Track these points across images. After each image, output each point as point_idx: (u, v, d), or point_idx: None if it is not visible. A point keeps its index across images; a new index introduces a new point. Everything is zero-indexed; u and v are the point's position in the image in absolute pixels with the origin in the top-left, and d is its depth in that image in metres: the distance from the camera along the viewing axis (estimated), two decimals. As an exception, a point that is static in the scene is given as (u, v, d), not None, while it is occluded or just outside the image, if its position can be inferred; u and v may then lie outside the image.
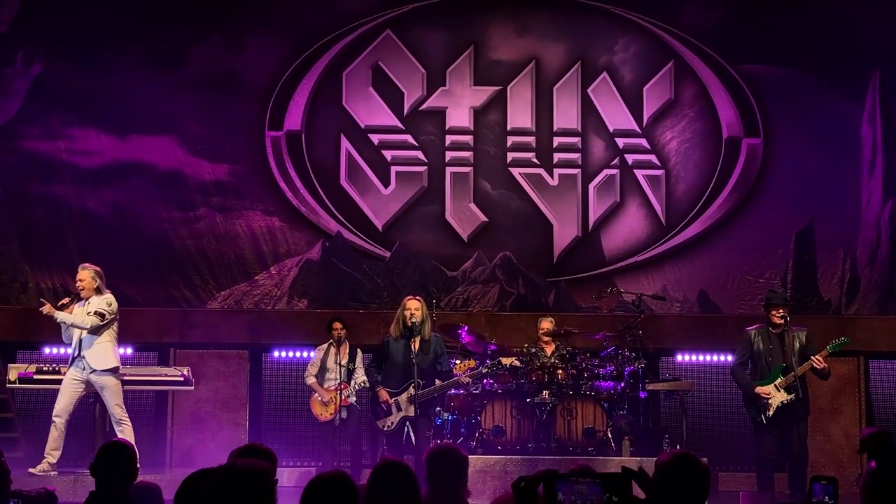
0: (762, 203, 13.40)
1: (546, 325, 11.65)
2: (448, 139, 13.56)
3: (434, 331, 10.62)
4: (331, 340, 11.48)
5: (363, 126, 13.51)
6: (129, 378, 10.77)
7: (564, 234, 13.47)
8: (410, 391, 10.14)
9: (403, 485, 4.34)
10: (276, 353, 12.84)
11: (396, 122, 13.52)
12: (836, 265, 13.32)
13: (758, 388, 10.11)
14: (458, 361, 10.79)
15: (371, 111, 13.51)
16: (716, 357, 12.65)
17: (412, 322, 10.25)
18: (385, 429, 10.41)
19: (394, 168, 13.51)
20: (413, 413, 10.09)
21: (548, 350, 11.54)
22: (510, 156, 13.58)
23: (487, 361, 11.19)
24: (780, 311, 10.18)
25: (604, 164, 13.54)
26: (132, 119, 13.24)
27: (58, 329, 10.31)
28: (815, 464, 11.56)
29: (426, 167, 13.52)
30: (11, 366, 11.13)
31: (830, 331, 11.10)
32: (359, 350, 11.52)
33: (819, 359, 10.04)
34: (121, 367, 10.29)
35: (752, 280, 13.24)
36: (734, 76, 13.48)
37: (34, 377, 10.64)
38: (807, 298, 13.18)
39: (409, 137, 13.53)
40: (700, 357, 12.78)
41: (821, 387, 11.47)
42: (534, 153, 13.58)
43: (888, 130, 13.43)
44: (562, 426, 11.02)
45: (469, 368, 10.79)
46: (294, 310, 13.19)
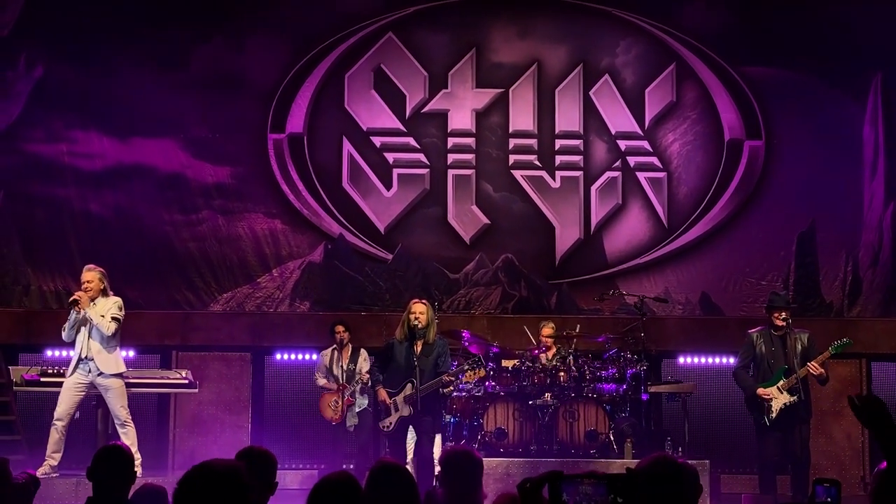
0: (764, 205, 13.40)
1: (547, 331, 11.63)
2: (450, 141, 13.57)
3: (438, 334, 10.62)
4: (334, 345, 11.49)
5: (365, 128, 13.52)
6: (134, 381, 10.77)
7: (566, 237, 13.47)
8: (407, 391, 10.15)
9: (401, 487, 4.34)
10: (279, 356, 12.85)
11: (398, 125, 13.53)
12: (839, 267, 13.31)
13: (760, 391, 10.12)
14: (469, 370, 10.79)
15: (373, 113, 13.52)
16: (718, 359, 12.65)
17: (415, 325, 10.26)
18: (385, 429, 10.41)
19: (396, 170, 13.51)
20: (408, 413, 10.09)
21: (549, 354, 11.54)
22: (512, 158, 13.59)
23: (491, 364, 11.20)
24: (783, 314, 10.18)
25: (606, 167, 13.54)
26: (134, 121, 13.25)
27: (60, 331, 10.28)
28: (818, 466, 11.56)
29: (428, 170, 13.53)
30: (14, 368, 11.12)
31: (832, 333, 11.09)
32: (363, 350, 11.51)
33: (815, 365, 10.03)
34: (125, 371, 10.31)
35: (755, 282, 13.24)
36: (736, 78, 13.48)
37: (40, 380, 10.59)
38: (809, 301, 13.18)
39: (412, 140, 13.54)
40: (702, 359, 12.78)
41: (823, 389, 11.45)
42: (536, 155, 13.59)
43: (890, 132, 13.42)
44: (564, 428, 11.02)
45: (459, 371, 10.73)
46: (296, 312, 13.20)
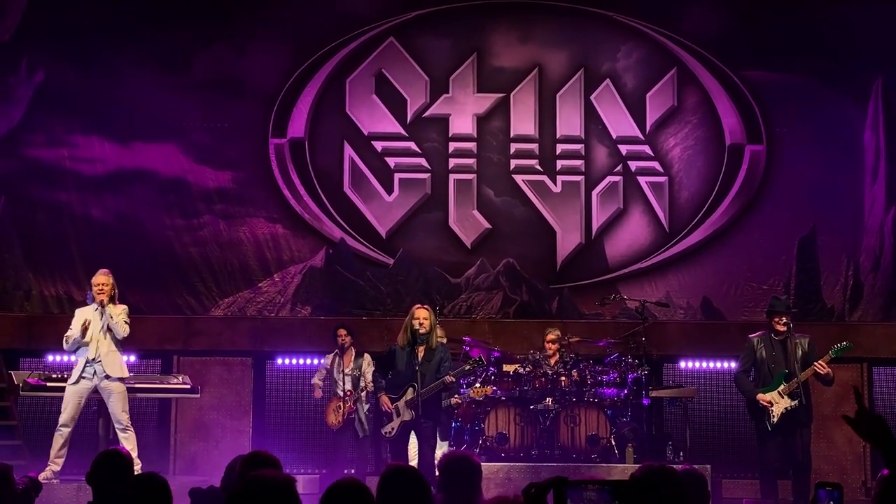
0: (765, 210, 13.40)
1: (552, 338, 11.61)
2: (451, 146, 13.57)
3: (440, 342, 10.64)
4: (336, 350, 11.49)
5: (366, 133, 13.53)
6: (134, 386, 10.75)
7: (568, 241, 13.47)
8: (409, 395, 10.16)
9: (413, 490, 4.34)
10: (280, 361, 12.84)
11: (400, 130, 13.53)
12: (840, 272, 13.30)
13: (760, 396, 10.11)
14: (478, 386, 10.79)
15: (374, 118, 13.53)
16: (719, 364, 12.64)
17: (418, 329, 10.27)
18: (387, 435, 10.41)
19: (397, 175, 13.52)
20: (409, 417, 10.10)
21: (552, 360, 11.52)
22: (513, 163, 13.59)
23: (492, 369, 11.21)
24: (783, 319, 10.18)
25: (607, 171, 13.55)
26: (135, 126, 13.26)
27: (62, 336, 10.27)
28: (819, 471, 11.55)
29: (429, 174, 13.53)
30: (16, 373, 11.10)
31: (834, 337, 11.06)
32: (366, 355, 11.49)
33: (822, 364, 10.03)
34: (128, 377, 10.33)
35: (756, 287, 13.23)
36: (737, 83, 13.48)
37: (46, 385, 10.54)
38: (810, 305, 13.17)
39: (413, 144, 13.54)
40: (703, 364, 12.77)
41: (824, 393, 11.46)
42: (537, 160, 13.59)
43: (891, 137, 13.42)
44: (565, 433, 11.02)
45: (462, 373, 10.73)
46: (297, 317, 13.20)
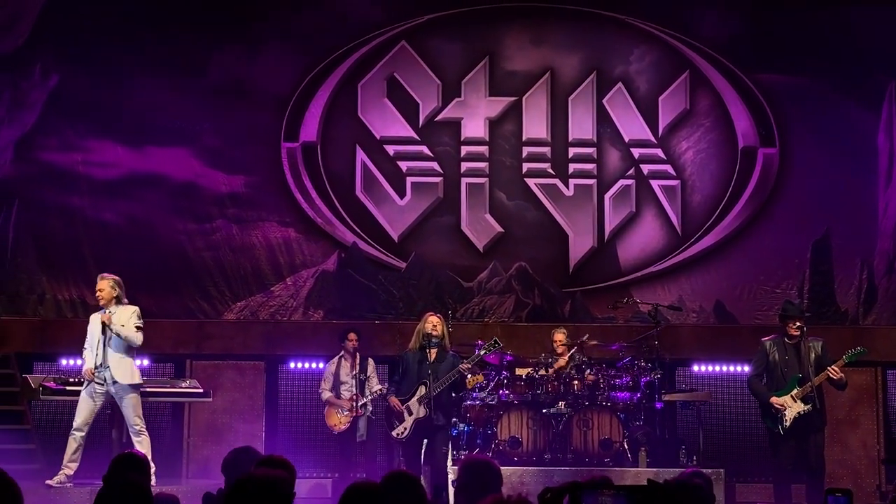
0: (778, 213, 13.36)
1: (559, 337, 11.62)
2: (463, 150, 13.57)
3: (453, 351, 10.65)
4: (342, 353, 11.51)
5: (379, 137, 13.53)
6: (147, 390, 10.76)
7: (580, 245, 13.45)
8: (421, 392, 10.17)
9: (411, 496, 4.33)
10: (293, 364, 12.85)
11: (412, 133, 13.54)
12: (853, 275, 13.26)
13: (774, 399, 10.08)
14: (470, 376, 10.79)
15: (386, 122, 13.53)
16: (732, 367, 12.61)
17: (431, 333, 10.30)
18: (399, 437, 10.41)
19: (409, 179, 13.52)
20: (423, 414, 10.10)
21: (562, 361, 11.52)
22: (526, 166, 13.59)
23: (504, 373, 11.20)
24: (797, 323, 10.15)
25: (619, 175, 13.53)
26: (148, 130, 13.29)
27: (75, 340, 10.31)
28: (833, 475, 11.51)
29: (442, 178, 13.53)
30: (31, 376, 11.11)
31: (847, 341, 11.05)
32: (370, 360, 11.55)
33: (835, 369, 10.00)
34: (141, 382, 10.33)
35: (769, 290, 13.19)
36: (749, 86, 13.45)
37: (66, 388, 10.52)
38: (823, 309, 13.14)
39: (425, 148, 13.54)
40: (716, 367, 12.75)
41: (838, 397, 11.42)
42: (549, 164, 13.58)
43: (905, 140, 13.38)
44: (578, 437, 11.00)
45: (478, 357, 10.71)
46: (310, 321, 13.21)
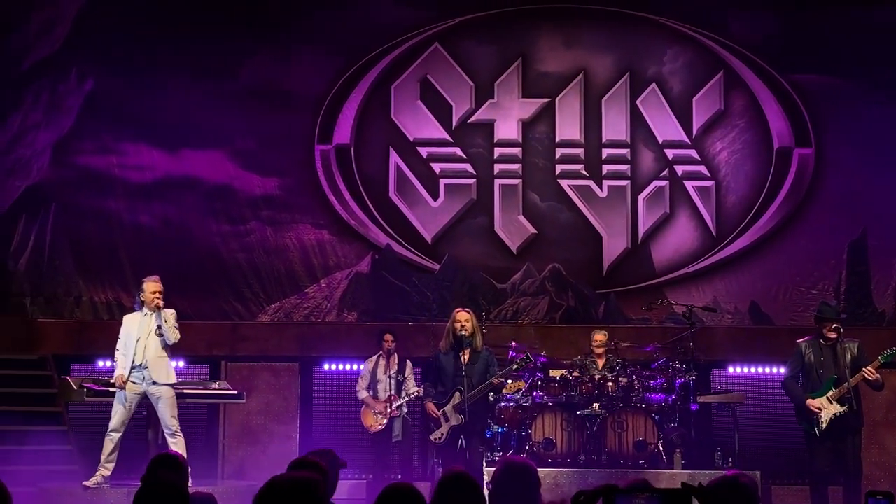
0: (814, 213, 13.28)
1: (600, 338, 11.58)
2: (497, 151, 13.56)
3: (485, 344, 10.65)
4: (380, 352, 11.52)
5: (412, 139, 13.55)
6: (181, 391, 10.82)
7: (614, 246, 13.42)
8: (456, 400, 10.16)
9: (470, 496, 4.33)
10: (326, 366, 12.88)
11: (445, 135, 13.55)
12: (890, 276, 13.16)
13: (810, 401, 10.00)
14: (510, 382, 10.79)
15: (419, 124, 13.55)
16: (768, 369, 12.53)
17: (462, 334, 10.29)
18: (435, 441, 10.43)
19: (442, 181, 13.53)
20: (458, 422, 10.10)
21: (599, 363, 11.49)
22: (559, 168, 13.56)
23: (539, 374, 11.18)
24: (833, 325, 10.06)
25: (653, 176, 13.49)
26: (182, 133, 13.37)
27: (111, 342, 10.39)
28: (871, 477, 11.41)
29: (475, 179, 13.53)
30: (71, 378, 11.16)
31: (884, 342, 10.92)
32: (408, 361, 11.55)
33: (871, 370, 9.91)
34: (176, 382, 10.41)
35: (805, 291, 13.11)
36: (784, 86, 13.37)
37: (109, 390, 10.56)
38: (860, 310, 13.03)
39: (458, 150, 13.55)
40: (752, 369, 12.67)
41: (875, 398, 11.32)
42: (583, 165, 13.55)
43: (941, 139, 13.26)
44: (612, 439, 10.96)
45: (509, 372, 10.71)
46: (344, 322, 13.24)
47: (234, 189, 13.40)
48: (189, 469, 9.55)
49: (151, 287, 10.17)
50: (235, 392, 11.43)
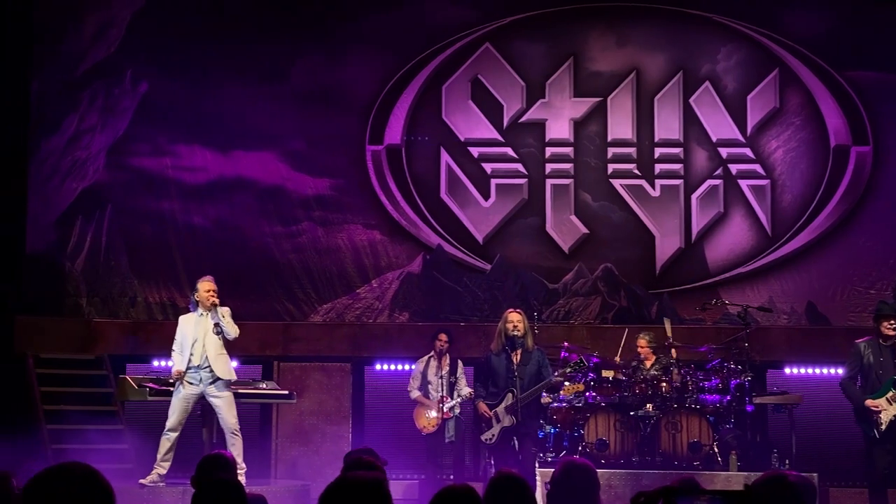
0: (872, 212, 13.09)
1: (643, 342, 11.50)
2: (548, 151, 13.51)
3: (537, 345, 10.61)
4: (432, 353, 11.52)
5: (463, 139, 13.53)
6: (236, 391, 10.88)
7: (667, 246, 13.32)
8: (508, 401, 10.13)
9: (521, 498, 4.30)
10: (378, 366, 12.91)
11: (496, 135, 13.52)
12: (950, 275, 12.95)
13: (868, 402, 9.88)
14: (568, 384, 10.75)
15: (471, 124, 13.53)
16: (825, 370, 12.39)
17: (514, 334, 10.26)
18: (487, 442, 10.41)
19: (494, 181, 13.50)
20: (510, 423, 10.07)
21: (647, 363, 11.42)
22: (611, 167, 13.49)
23: (591, 375, 11.12)
24: (892, 323, 9.94)
25: (707, 175, 13.37)
26: (235, 135, 13.45)
27: (166, 342, 10.48)
28: (931, 480, 11.21)
29: (526, 179, 13.49)
30: (131, 377, 11.23)
31: (945, 343, 10.76)
32: (460, 362, 11.55)
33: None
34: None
35: (862, 291, 12.93)
36: (841, 83, 13.20)
37: (169, 389, 10.62)
38: (919, 309, 12.82)
39: (509, 150, 13.52)
40: (809, 370, 12.53)
41: (936, 400, 11.13)
42: (635, 164, 13.46)
43: None
44: (666, 440, 10.88)
45: (565, 375, 10.67)
46: (395, 323, 13.25)
47: (286, 190, 13.46)
48: (244, 468, 9.65)
49: (205, 286, 10.24)
50: (287, 392, 11.49)
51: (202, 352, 10.15)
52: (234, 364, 12.01)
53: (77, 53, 13.48)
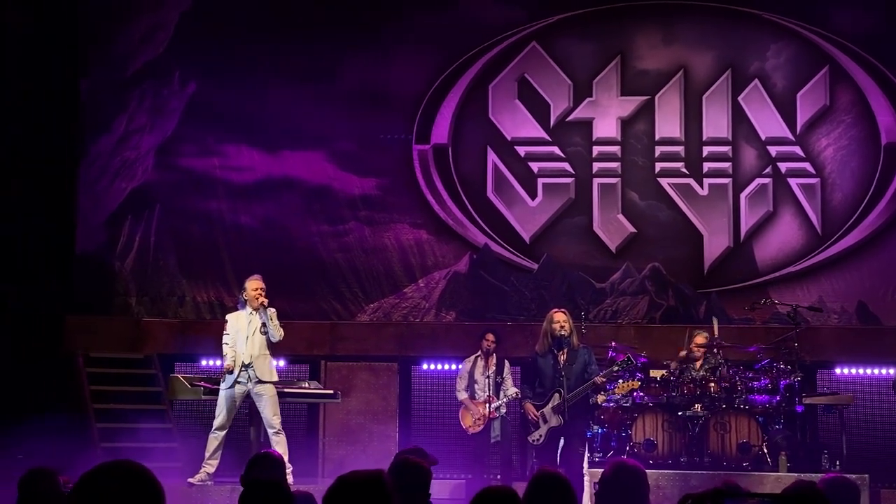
0: (925, 211, 12.93)
1: (700, 340, 11.41)
2: (595, 150, 13.45)
3: (583, 343, 10.56)
4: (478, 352, 11.50)
5: (510, 138, 13.50)
6: (282, 391, 10.92)
7: (715, 245, 13.22)
8: (555, 401, 10.09)
9: (563, 497, 4.28)
10: (425, 366, 12.91)
11: (543, 134, 13.47)
12: None
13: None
14: (621, 381, 10.70)
15: (517, 123, 13.50)
16: (876, 370, 12.24)
17: (561, 334, 10.21)
18: (534, 443, 10.38)
19: (540, 180, 13.46)
20: (557, 423, 10.03)
21: (697, 363, 11.33)
22: (658, 166, 13.40)
23: (639, 375, 11.05)
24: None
25: (756, 173, 13.25)
26: (282, 135, 13.51)
27: (214, 341, 10.55)
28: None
29: (573, 178, 13.43)
30: (183, 376, 11.28)
31: None
32: (506, 361, 11.52)
33: None
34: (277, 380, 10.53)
35: (915, 291, 12.77)
36: (893, 80, 13.03)
37: (220, 388, 10.66)
38: (972, 309, 12.65)
39: (556, 149, 13.47)
40: (860, 370, 12.37)
41: None
42: (683, 163, 13.37)
43: None
44: (715, 440, 10.79)
45: (612, 374, 10.61)
46: (442, 322, 13.24)
47: (333, 189, 13.50)
48: (291, 468, 9.68)
49: (253, 285, 10.30)
50: (331, 392, 11.52)
51: (249, 350, 10.21)
52: (282, 363, 12.09)
53: (126, 55, 13.60)
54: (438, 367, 12.83)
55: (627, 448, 10.85)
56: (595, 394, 10.69)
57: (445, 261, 13.42)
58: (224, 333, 10.46)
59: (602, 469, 4.94)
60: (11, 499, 5.31)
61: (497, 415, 11.23)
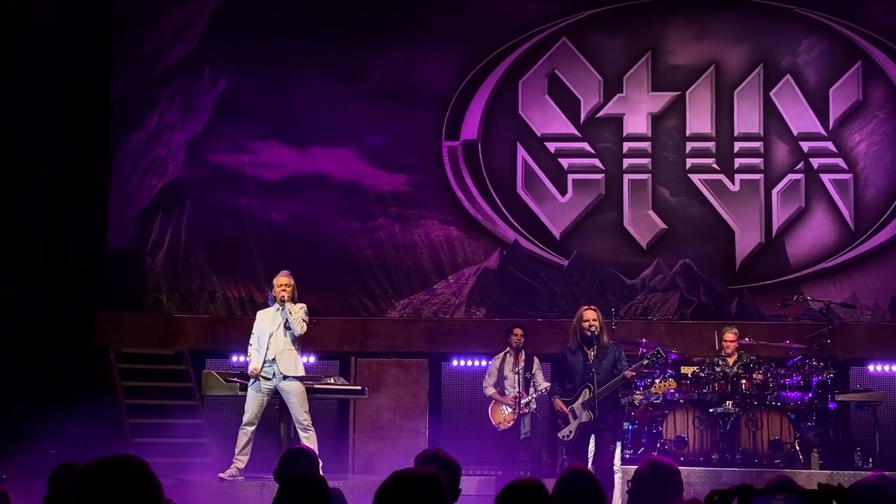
0: (959, 206, 12.80)
1: (730, 337, 11.33)
2: (625, 146, 13.39)
3: (613, 340, 10.51)
4: (507, 349, 11.48)
5: (539, 134, 13.47)
6: (311, 387, 10.91)
7: (747, 241, 13.14)
8: (585, 396, 10.05)
9: (590, 493, 4.26)
10: (455, 362, 12.90)
11: (573, 130, 13.43)
12: None
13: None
14: (658, 381, 10.65)
15: (547, 119, 13.46)
16: (910, 368, 12.14)
17: (591, 332, 10.16)
18: (564, 439, 10.33)
19: (570, 176, 13.42)
20: (587, 419, 9.99)
21: (730, 360, 11.27)
22: (689, 162, 13.33)
23: (670, 371, 11.00)
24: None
25: (788, 169, 13.16)
26: (312, 131, 13.53)
27: (244, 337, 10.57)
28: None
29: (603, 175, 13.39)
30: (216, 372, 11.29)
31: None
32: (535, 358, 11.49)
33: None
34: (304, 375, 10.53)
35: (950, 287, 12.65)
36: (927, 75, 12.92)
37: (250, 384, 10.65)
38: None
39: (586, 145, 13.42)
40: (893, 367, 12.27)
41: None
42: (714, 159, 13.30)
43: None
44: (746, 437, 10.73)
45: (640, 367, 10.54)
46: (472, 318, 13.24)
47: (363, 186, 13.51)
48: (320, 463, 9.69)
49: (278, 280, 10.33)
50: (359, 388, 11.50)
51: (274, 346, 10.22)
52: (312, 360, 12.10)
53: (157, 52, 13.66)
54: (468, 364, 12.82)
55: (658, 445, 10.80)
56: (626, 391, 10.64)
57: (475, 257, 13.41)
58: (251, 334, 10.47)
59: (633, 466, 4.89)
60: (41, 493, 5.34)
61: (527, 411, 11.21)
